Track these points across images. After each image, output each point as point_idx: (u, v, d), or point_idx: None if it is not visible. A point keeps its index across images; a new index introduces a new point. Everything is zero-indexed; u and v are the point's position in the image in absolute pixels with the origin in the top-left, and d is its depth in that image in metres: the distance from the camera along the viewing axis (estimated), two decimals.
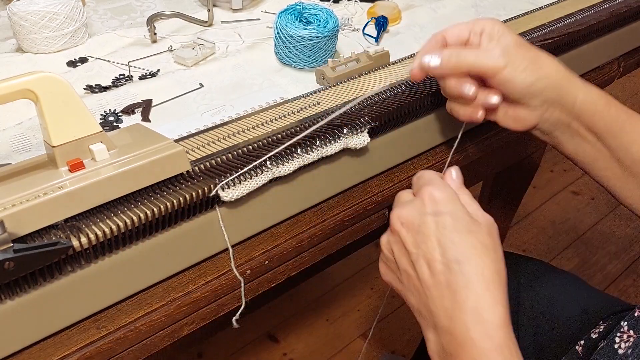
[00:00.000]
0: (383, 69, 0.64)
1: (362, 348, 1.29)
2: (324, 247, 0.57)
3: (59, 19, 0.69)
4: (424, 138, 0.62)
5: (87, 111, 0.41)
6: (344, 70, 0.63)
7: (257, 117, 0.55)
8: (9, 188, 0.38)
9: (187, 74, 0.66)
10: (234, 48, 0.73)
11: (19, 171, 0.41)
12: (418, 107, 0.56)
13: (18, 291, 0.38)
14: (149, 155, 0.42)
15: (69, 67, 0.68)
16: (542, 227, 1.64)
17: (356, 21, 0.81)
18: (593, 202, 1.73)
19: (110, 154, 0.42)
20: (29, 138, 0.55)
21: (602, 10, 0.77)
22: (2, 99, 0.37)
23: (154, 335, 0.47)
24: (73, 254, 0.38)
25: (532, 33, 0.71)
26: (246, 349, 1.29)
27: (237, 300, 0.51)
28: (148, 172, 0.42)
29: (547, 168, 1.88)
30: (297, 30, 0.64)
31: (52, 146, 0.40)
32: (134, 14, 0.83)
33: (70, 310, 0.42)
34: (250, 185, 0.45)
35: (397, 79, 0.60)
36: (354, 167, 0.55)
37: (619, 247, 1.58)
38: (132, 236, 0.41)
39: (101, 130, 0.42)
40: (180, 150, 0.43)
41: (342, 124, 0.51)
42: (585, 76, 0.81)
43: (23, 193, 0.37)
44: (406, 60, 0.66)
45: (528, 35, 0.70)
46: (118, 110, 0.59)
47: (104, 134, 0.42)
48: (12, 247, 0.34)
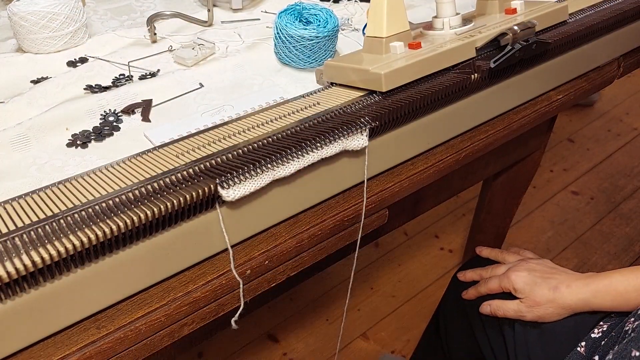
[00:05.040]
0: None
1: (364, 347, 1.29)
2: (324, 247, 0.57)
3: (59, 19, 0.69)
4: (424, 138, 0.62)
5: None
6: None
7: (257, 117, 0.55)
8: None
9: (187, 74, 0.66)
10: (234, 48, 0.73)
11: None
12: (418, 107, 0.56)
13: (18, 291, 0.38)
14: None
15: (69, 67, 0.69)
16: (541, 227, 1.64)
17: (356, 21, 0.81)
18: (593, 202, 1.73)
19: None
20: (28, 138, 0.55)
21: (602, 10, 0.78)
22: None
23: (153, 335, 0.47)
24: (73, 253, 0.38)
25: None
26: (246, 348, 1.29)
27: (237, 300, 0.51)
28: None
29: (547, 168, 1.88)
30: (297, 30, 0.64)
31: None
32: (134, 14, 0.83)
33: (70, 310, 0.42)
34: (253, 185, 0.45)
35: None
36: (353, 167, 0.55)
37: (618, 247, 1.58)
38: (132, 236, 0.41)
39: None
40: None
41: (342, 125, 0.51)
42: (585, 76, 0.81)
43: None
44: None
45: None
46: (118, 110, 0.59)
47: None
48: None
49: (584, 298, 0.64)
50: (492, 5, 0.70)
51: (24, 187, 0.48)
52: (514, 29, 0.59)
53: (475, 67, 0.60)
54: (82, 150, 0.54)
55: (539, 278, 0.67)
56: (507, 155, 0.98)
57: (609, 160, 1.91)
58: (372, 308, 1.39)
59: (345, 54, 0.64)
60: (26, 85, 0.65)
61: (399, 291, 1.44)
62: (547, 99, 0.76)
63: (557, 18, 0.71)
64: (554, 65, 0.73)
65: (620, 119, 2.15)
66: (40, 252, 0.37)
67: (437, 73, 0.60)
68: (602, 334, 0.63)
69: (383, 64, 0.56)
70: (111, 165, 0.48)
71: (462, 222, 1.66)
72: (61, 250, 0.38)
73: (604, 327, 0.63)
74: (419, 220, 1.65)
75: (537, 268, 0.69)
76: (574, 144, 2.00)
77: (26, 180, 0.49)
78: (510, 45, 0.60)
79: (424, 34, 0.66)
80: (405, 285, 1.46)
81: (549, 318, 0.66)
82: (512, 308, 0.68)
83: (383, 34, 0.59)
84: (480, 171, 0.94)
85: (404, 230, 1.62)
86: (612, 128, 2.09)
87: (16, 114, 0.59)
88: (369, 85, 0.57)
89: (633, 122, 2.13)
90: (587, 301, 0.64)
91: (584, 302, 0.64)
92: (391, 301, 1.41)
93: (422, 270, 1.50)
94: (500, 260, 0.78)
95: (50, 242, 0.38)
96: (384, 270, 1.50)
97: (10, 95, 0.62)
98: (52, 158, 0.52)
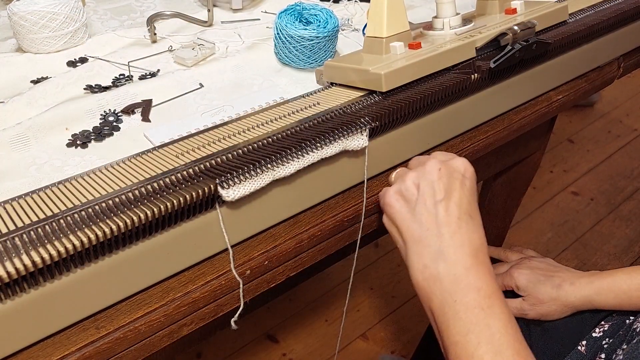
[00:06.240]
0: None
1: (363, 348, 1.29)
2: (324, 247, 0.57)
3: (59, 19, 0.69)
4: (424, 138, 0.62)
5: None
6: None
7: (257, 118, 0.55)
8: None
9: (187, 74, 0.66)
10: (234, 48, 0.73)
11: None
12: (418, 107, 0.56)
13: (18, 291, 0.38)
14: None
15: (69, 67, 0.69)
16: (541, 228, 1.64)
17: (356, 21, 0.81)
18: (593, 203, 1.73)
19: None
20: (28, 138, 0.55)
21: (602, 10, 0.78)
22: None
23: (153, 336, 0.47)
24: (73, 254, 0.38)
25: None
26: (245, 349, 1.29)
27: (237, 300, 0.51)
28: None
29: (547, 169, 1.88)
30: (297, 31, 0.64)
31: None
32: (134, 14, 0.83)
33: (70, 310, 0.42)
34: (252, 185, 0.45)
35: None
36: (353, 167, 0.55)
37: (618, 248, 1.58)
38: (132, 236, 0.41)
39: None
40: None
41: (342, 125, 0.51)
42: (585, 76, 0.81)
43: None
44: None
45: None
46: (118, 110, 0.59)
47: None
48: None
49: (587, 295, 0.64)
50: (492, 5, 0.70)
51: (24, 187, 0.48)
52: (514, 29, 0.59)
53: (475, 67, 0.60)
54: (82, 150, 0.54)
55: (542, 276, 0.67)
56: (507, 156, 0.98)
57: (609, 161, 1.91)
58: (371, 308, 1.39)
59: (345, 54, 0.64)
60: (26, 85, 0.65)
61: (398, 291, 1.44)
62: (547, 99, 0.76)
63: (557, 18, 0.71)
64: (554, 65, 0.73)
65: (620, 120, 2.15)
66: (40, 252, 0.37)
67: (437, 73, 0.60)
68: (603, 334, 0.63)
69: (383, 64, 0.56)
70: (111, 165, 0.48)
71: None
72: (61, 250, 0.37)
73: (605, 326, 0.64)
74: None
75: (539, 266, 0.69)
76: (574, 144, 2.00)
77: (26, 180, 0.49)
78: (510, 45, 0.60)
79: (424, 34, 0.66)
80: (405, 285, 1.45)
81: (551, 316, 0.66)
82: (514, 306, 0.68)
83: (383, 34, 0.59)
84: (480, 172, 0.94)
85: None
86: (612, 129, 2.09)
87: (16, 114, 0.59)
88: (369, 86, 0.57)
89: (633, 123, 2.13)
90: (590, 299, 0.64)
91: (587, 300, 0.64)
92: (391, 301, 1.41)
93: None
94: (502, 258, 0.78)
95: (50, 242, 0.38)
96: (384, 271, 1.49)
97: (10, 95, 0.62)
98: (52, 158, 0.52)
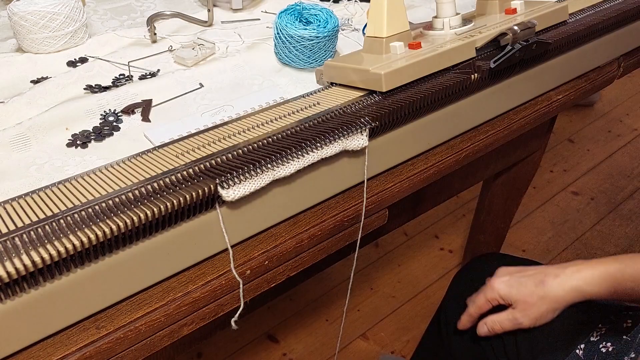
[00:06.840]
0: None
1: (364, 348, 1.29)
2: (324, 247, 0.57)
3: (59, 19, 0.69)
4: (424, 138, 0.62)
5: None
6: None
7: (257, 117, 0.55)
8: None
9: (187, 74, 0.66)
10: (234, 48, 0.73)
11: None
12: (418, 107, 0.56)
13: (18, 291, 0.38)
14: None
15: (69, 67, 0.68)
16: (541, 228, 1.64)
17: (356, 21, 0.81)
18: (593, 202, 1.72)
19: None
20: (28, 138, 0.55)
21: (602, 10, 0.78)
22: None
23: (153, 336, 0.47)
24: (73, 253, 0.38)
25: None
26: (246, 349, 1.29)
27: (237, 300, 0.51)
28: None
29: (547, 168, 1.88)
30: (297, 31, 0.64)
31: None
32: (134, 14, 0.83)
33: (70, 310, 0.42)
34: (253, 185, 0.45)
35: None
36: (353, 167, 0.55)
37: (618, 248, 1.58)
38: (132, 236, 0.41)
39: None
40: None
41: (342, 125, 0.51)
42: (585, 76, 0.81)
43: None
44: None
45: None
46: (118, 110, 0.59)
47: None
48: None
49: (576, 286, 0.60)
50: (492, 5, 0.70)
51: (24, 187, 0.48)
52: (514, 29, 0.59)
53: (475, 67, 0.60)
54: (82, 150, 0.54)
55: (522, 277, 0.64)
56: (507, 155, 0.98)
57: (609, 160, 1.91)
58: (372, 308, 1.39)
59: (345, 54, 0.64)
60: (26, 85, 0.65)
61: (399, 291, 1.44)
62: (547, 99, 0.76)
63: (557, 18, 0.71)
64: (554, 65, 0.73)
65: (620, 119, 2.15)
66: (40, 252, 0.37)
67: (437, 73, 0.60)
68: (600, 337, 0.62)
69: (383, 64, 0.56)
70: (111, 165, 0.48)
71: (462, 222, 1.66)
72: (61, 250, 0.37)
73: (602, 330, 0.63)
74: (419, 220, 1.65)
75: (517, 268, 0.66)
76: (574, 144, 2.00)
77: (26, 180, 0.49)
78: (510, 45, 0.60)
79: (424, 34, 0.66)
80: (405, 285, 1.45)
81: (545, 317, 0.63)
82: (506, 318, 0.65)
83: (383, 34, 0.59)
84: (481, 171, 0.94)
85: (404, 230, 1.62)
86: (612, 129, 2.09)
87: (16, 114, 0.59)
88: (369, 85, 0.57)
89: (633, 122, 2.13)
90: (579, 289, 0.60)
91: (577, 291, 0.60)
92: (391, 301, 1.41)
93: (422, 270, 1.50)
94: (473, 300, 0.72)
95: (50, 242, 0.38)
96: (384, 271, 1.49)
97: (10, 95, 0.62)
98: (52, 158, 0.52)
